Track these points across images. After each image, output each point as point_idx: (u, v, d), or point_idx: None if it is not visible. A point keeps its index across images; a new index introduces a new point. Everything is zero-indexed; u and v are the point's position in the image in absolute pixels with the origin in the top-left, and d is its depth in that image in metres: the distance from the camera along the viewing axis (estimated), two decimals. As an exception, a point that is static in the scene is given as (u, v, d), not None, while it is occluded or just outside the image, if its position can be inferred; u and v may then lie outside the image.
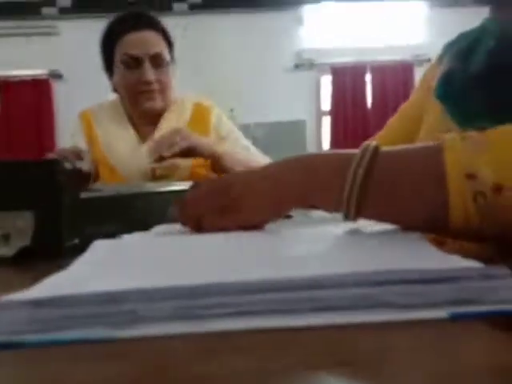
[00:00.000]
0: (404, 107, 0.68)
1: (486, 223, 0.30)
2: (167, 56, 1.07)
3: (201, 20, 3.90)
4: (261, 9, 3.92)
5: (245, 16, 3.94)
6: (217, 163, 0.98)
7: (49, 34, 3.83)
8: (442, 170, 0.31)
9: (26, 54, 3.79)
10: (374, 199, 0.33)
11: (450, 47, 0.59)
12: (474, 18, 0.60)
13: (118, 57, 1.05)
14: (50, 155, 0.90)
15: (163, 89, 1.07)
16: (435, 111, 0.55)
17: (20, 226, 0.43)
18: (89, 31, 3.70)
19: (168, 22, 1.14)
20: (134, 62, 1.04)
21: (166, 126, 1.10)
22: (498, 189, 0.29)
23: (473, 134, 0.32)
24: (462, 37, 0.58)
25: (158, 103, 1.07)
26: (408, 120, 0.64)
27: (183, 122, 1.12)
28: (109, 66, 1.10)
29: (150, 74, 1.03)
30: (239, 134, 1.16)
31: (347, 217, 0.34)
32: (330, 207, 0.36)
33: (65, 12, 3.79)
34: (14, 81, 3.83)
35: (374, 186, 0.33)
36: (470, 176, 0.30)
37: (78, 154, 0.88)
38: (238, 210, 0.39)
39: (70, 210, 0.45)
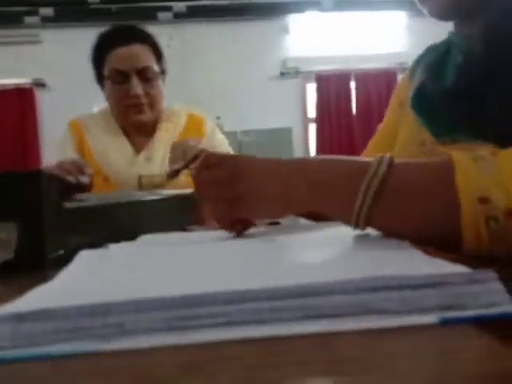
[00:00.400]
0: (381, 127, 0.70)
1: (497, 247, 0.30)
2: (156, 68, 1.07)
3: (186, 29, 3.91)
4: (246, 17, 3.95)
5: (230, 25, 3.97)
6: None
7: (31, 42, 3.79)
8: (454, 191, 0.31)
9: (9, 63, 3.74)
10: (386, 210, 0.33)
11: (419, 61, 0.60)
12: (450, 27, 0.62)
13: (106, 71, 1.05)
14: (50, 168, 0.88)
15: (152, 101, 1.07)
16: (409, 123, 0.56)
17: (3, 238, 0.42)
18: (71, 40, 3.69)
19: (153, 31, 1.14)
20: (122, 77, 1.04)
21: (161, 135, 1.11)
22: (510, 213, 0.29)
23: (484, 154, 0.32)
24: (430, 50, 0.60)
25: (147, 116, 1.08)
26: (387, 137, 0.66)
27: (178, 131, 1.12)
28: (99, 79, 1.10)
29: (137, 88, 1.03)
30: (228, 147, 1.18)
31: (356, 225, 0.34)
32: (339, 215, 0.36)
33: (47, 21, 3.76)
34: (-4, 90, 3.78)
35: (388, 197, 0.33)
36: (483, 200, 0.30)
37: (79, 168, 0.87)
38: (243, 206, 0.38)
39: (53, 221, 0.45)
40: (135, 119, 1.07)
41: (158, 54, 1.10)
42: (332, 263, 0.28)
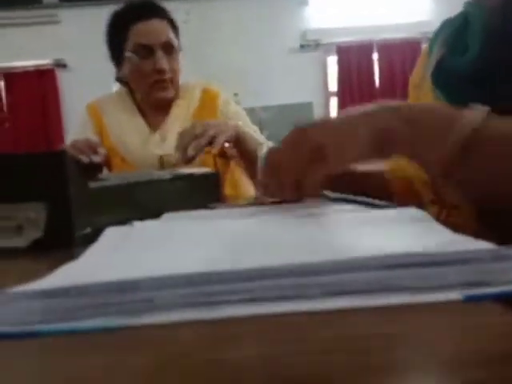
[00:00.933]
0: None
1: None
2: (176, 43, 1.07)
3: (203, 3, 3.85)
4: (264, -11, 3.86)
5: (248, -3, 3.88)
6: (240, 144, 0.95)
7: (50, 22, 3.80)
8: None
9: (28, 44, 3.78)
10: (479, 159, 0.34)
11: (435, 37, 0.58)
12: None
13: (128, 47, 1.05)
14: (64, 147, 0.90)
15: (174, 77, 1.07)
16: (428, 99, 0.54)
17: (32, 218, 0.43)
18: (90, 19, 3.68)
19: (170, 6, 1.13)
20: (147, 52, 1.03)
21: (175, 113, 1.11)
22: None
23: None
24: (446, 25, 0.57)
25: (170, 92, 1.08)
26: None
27: (192, 108, 1.12)
28: (117, 56, 1.09)
29: (163, 62, 1.03)
30: (246, 119, 1.16)
31: (447, 171, 0.34)
32: (432, 160, 0.36)
33: (65, 0, 3.76)
34: (18, 71, 3.84)
35: (481, 146, 0.33)
36: None
37: (92, 147, 0.88)
38: (334, 159, 0.38)
39: (79, 200, 0.46)
40: (159, 96, 1.07)
41: (176, 29, 1.10)
42: (355, 240, 0.28)
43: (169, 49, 1.05)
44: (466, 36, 0.50)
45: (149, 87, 1.07)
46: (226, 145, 0.90)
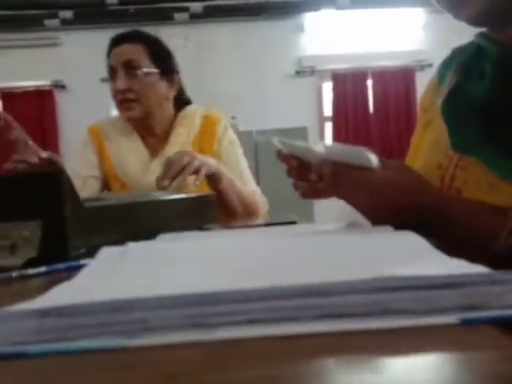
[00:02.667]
0: (413, 143, 0.67)
1: None
2: (144, 64, 1.08)
3: (202, 29, 3.93)
4: (261, 17, 3.95)
5: (246, 24, 3.97)
6: (215, 182, 0.98)
7: (51, 45, 3.86)
8: None
9: (29, 66, 3.82)
10: None
11: (447, 65, 0.59)
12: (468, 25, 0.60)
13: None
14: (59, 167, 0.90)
15: (140, 98, 1.08)
16: (440, 126, 0.55)
17: (27, 236, 0.43)
18: (90, 42, 3.75)
19: (169, 31, 1.15)
20: (112, 73, 1.07)
21: (175, 140, 1.11)
22: None
23: None
24: (458, 53, 0.58)
25: (135, 112, 1.08)
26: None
27: (193, 135, 1.13)
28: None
29: (120, 82, 1.06)
30: (240, 152, 1.16)
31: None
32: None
33: (67, 24, 3.83)
34: (17, 92, 3.87)
35: None
36: None
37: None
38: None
39: (75, 220, 0.45)
40: (125, 115, 1.09)
41: (154, 53, 1.10)
42: (351, 262, 0.28)
43: (131, 68, 1.06)
44: (481, 64, 0.51)
45: (116, 106, 1.10)
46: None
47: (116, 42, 1.10)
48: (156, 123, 1.12)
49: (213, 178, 0.97)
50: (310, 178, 0.43)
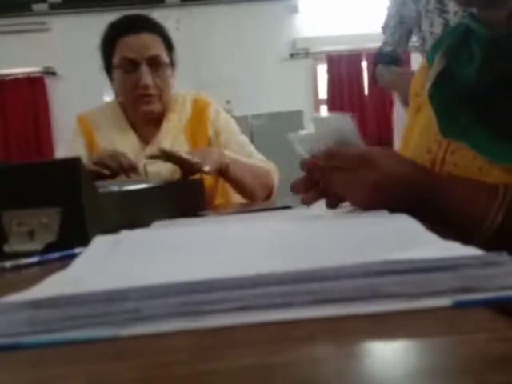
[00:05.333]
0: (406, 128, 0.66)
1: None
2: (166, 59, 1.06)
3: (194, 11, 3.87)
4: (254, -2, 3.89)
5: (238, 6, 3.91)
6: (225, 173, 0.98)
7: (40, 30, 3.79)
8: None
9: (19, 52, 3.76)
10: None
11: (437, 47, 0.58)
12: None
13: (115, 61, 1.04)
14: (89, 165, 0.89)
15: (161, 93, 1.06)
16: (430, 111, 0.54)
17: (45, 223, 0.44)
18: (80, 27, 3.68)
19: (160, 14, 1.13)
20: (132, 66, 1.03)
21: (168, 126, 1.10)
22: None
23: None
24: (448, 35, 0.57)
25: (155, 107, 1.07)
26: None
27: (184, 120, 1.11)
28: (108, 69, 1.09)
29: (147, 77, 1.02)
30: (236, 129, 1.16)
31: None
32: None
33: (55, 8, 3.75)
34: (7, 79, 3.81)
35: None
36: None
37: (117, 160, 0.89)
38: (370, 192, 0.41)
39: (91, 205, 0.46)
40: (144, 109, 1.06)
41: (169, 45, 1.09)
42: (343, 246, 0.28)
43: (156, 64, 1.04)
44: (470, 46, 0.51)
45: (133, 101, 1.06)
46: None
47: (132, 29, 1.03)
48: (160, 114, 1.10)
49: (221, 172, 0.97)
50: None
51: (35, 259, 0.40)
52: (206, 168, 0.87)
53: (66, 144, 1.15)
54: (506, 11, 0.47)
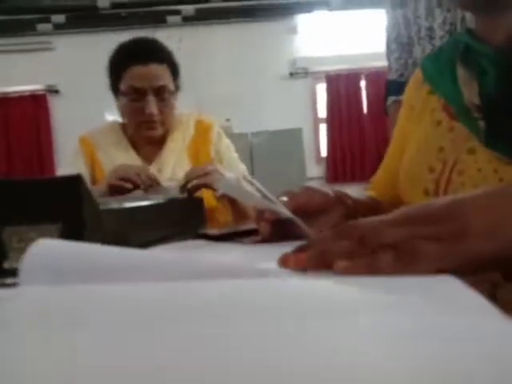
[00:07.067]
0: (396, 135, 0.65)
1: None
2: (171, 87, 1.08)
3: (195, 31, 3.94)
4: (254, 19, 3.96)
5: (239, 26, 3.98)
6: (235, 201, 0.99)
7: (44, 49, 3.86)
8: None
9: (22, 70, 3.81)
10: None
11: (434, 60, 0.57)
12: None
13: (123, 87, 1.06)
14: (112, 179, 0.90)
15: (164, 118, 1.09)
16: (429, 126, 0.54)
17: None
18: (83, 46, 3.75)
19: (162, 34, 1.15)
20: (138, 94, 1.05)
21: (171, 146, 1.12)
22: None
23: None
24: (444, 48, 0.56)
25: (158, 132, 1.09)
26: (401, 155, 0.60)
27: (187, 139, 1.13)
28: (113, 89, 1.11)
29: (152, 107, 1.04)
30: (236, 155, 1.18)
31: None
32: None
33: (59, 28, 3.82)
34: (11, 96, 3.86)
35: None
36: None
37: (146, 175, 0.91)
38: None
39: (92, 222, 0.46)
40: (146, 134, 1.08)
41: (175, 72, 1.11)
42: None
43: (162, 94, 1.06)
44: (477, 60, 0.50)
45: (136, 125, 1.08)
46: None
47: (140, 59, 1.04)
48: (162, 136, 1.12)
49: (232, 199, 0.98)
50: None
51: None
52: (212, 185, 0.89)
53: (68, 166, 1.16)
54: (504, 28, 0.48)
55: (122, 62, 1.06)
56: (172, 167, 1.09)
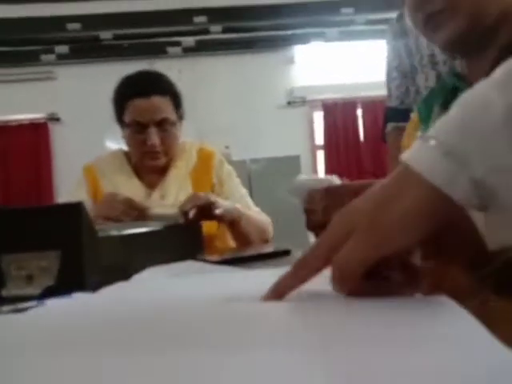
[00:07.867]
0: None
1: None
2: (173, 118, 1.10)
3: (195, 62, 4.03)
4: (253, 50, 4.06)
5: (237, 57, 4.08)
6: (235, 225, 1.01)
7: (47, 79, 3.93)
8: None
9: (24, 99, 3.87)
10: None
11: (429, 103, 0.58)
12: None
13: (126, 119, 1.09)
14: (95, 219, 0.91)
15: (167, 148, 1.11)
16: None
17: (44, 266, 0.44)
18: (85, 76, 3.82)
19: (163, 65, 1.18)
20: (140, 127, 1.07)
21: (174, 173, 1.13)
22: None
23: None
24: (437, 91, 0.58)
25: (161, 162, 1.11)
26: None
27: (190, 167, 1.15)
28: (118, 119, 1.13)
29: (154, 138, 1.07)
30: (238, 180, 1.20)
31: None
32: None
33: (63, 58, 3.91)
34: (12, 125, 3.90)
35: None
36: None
37: (130, 206, 0.92)
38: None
39: (90, 249, 0.47)
40: (150, 164, 1.10)
41: (177, 103, 1.13)
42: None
43: (164, 125, 1.08)
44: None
45: (140, 155, 1.10)
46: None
47: (142, 92, 1.06)
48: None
49: (232, 222, 1.01)
50: None
51: (33, 303, 0.40)
52: (218, 210, 0.90)
53: (69, 194, 1.17)
54: (486, 66, 0.49)
55: (125, 95, 1.09)
56: (175, 193, 1.10)
